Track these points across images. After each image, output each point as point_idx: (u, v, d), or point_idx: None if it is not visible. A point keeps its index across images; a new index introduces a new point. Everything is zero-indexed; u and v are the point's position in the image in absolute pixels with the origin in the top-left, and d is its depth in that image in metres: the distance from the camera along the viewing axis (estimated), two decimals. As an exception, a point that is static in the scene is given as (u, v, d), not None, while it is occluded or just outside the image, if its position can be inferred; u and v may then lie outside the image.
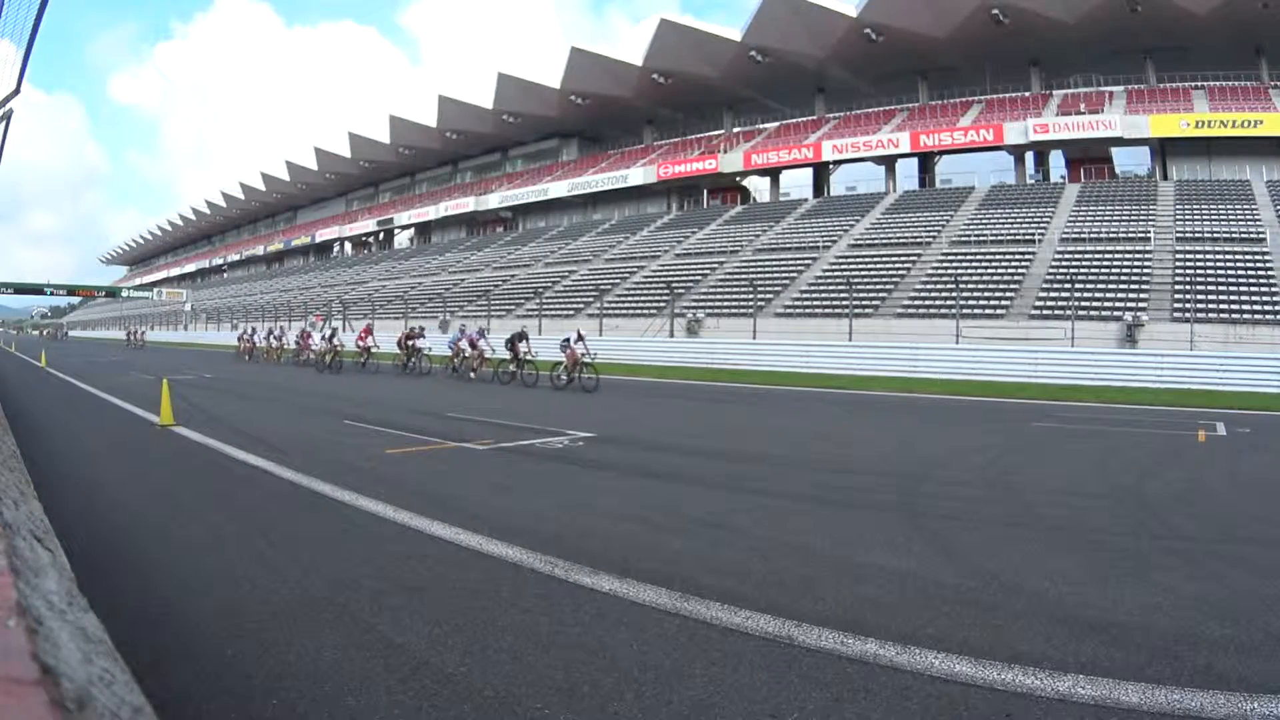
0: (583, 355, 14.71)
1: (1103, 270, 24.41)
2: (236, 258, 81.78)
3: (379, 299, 43.45)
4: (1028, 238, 27.92)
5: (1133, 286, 23.04)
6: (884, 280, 27.22)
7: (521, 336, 16.27)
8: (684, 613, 2.96)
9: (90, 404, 11.48)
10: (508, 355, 16.25)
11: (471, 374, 17.29)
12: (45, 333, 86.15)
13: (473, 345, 17.38)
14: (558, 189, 48.67)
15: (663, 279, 31.34)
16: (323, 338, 20.86)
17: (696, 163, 42.48)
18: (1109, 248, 26.04)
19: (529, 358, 15.92)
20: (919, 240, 30.15)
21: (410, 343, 19.16)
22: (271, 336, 26.42)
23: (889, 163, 38.11)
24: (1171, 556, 3.95)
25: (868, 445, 8.54)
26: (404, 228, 61.07)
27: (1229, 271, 22.91)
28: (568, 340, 15.21)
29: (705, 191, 44.55)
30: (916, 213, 33.12)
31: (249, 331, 28.61)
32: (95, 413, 10.37)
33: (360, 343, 20.71)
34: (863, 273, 28.02)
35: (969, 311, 22.71)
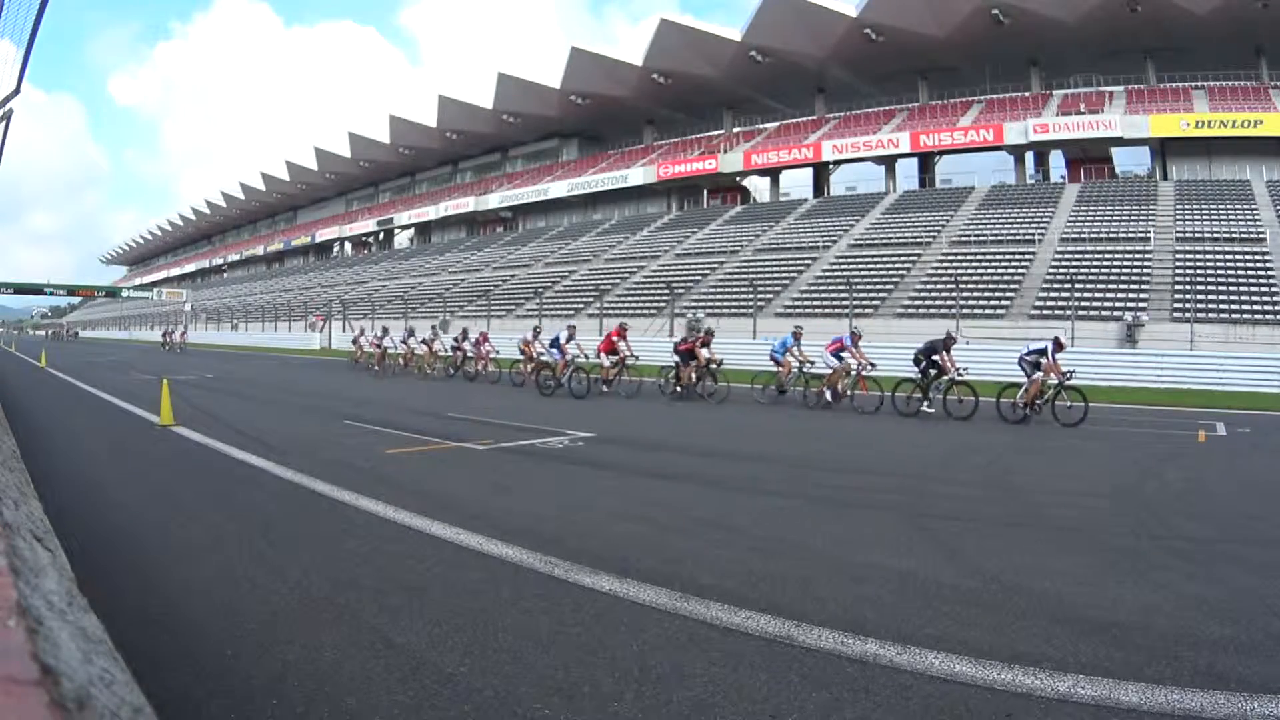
0: (1065, 375, 10.50)
1: (1103, 270, 24.41)
2: (236, 258, 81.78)
3: (379, 299, 43.45)
4: (1028, 238, 27.92)
5: (1133, 286, 23.04)
6: (884, 280, 27.23)
7: (947, 344, 11.27)
8: (684, 613, 2.96)
9: (90, 404, 11.48)
10: (918, 374, 11.44)
11: (828, 399, 11.95)
12: (51, 333, 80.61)
13: (836, 356, 12.04)
14: (558, 189, 48.69)
15: (663, 279, 31.35)
16: (546, 340, 14.44)
17: (696, 163, 42.49)
18: (1109, 248, 26.04)
19: (959, 376, 11.02)
20: (919, 240, 30.15)
21: (702, 350, 12.99)
22: (412, 338, 19.16)
23: (889, 163, 38.12)
24: (1172, 556, 3.95)
25: (867, 445, 8.54)
26: (404, 228, 61.09)
27: (1229, 271, 22.91)
28: (1041, 353, 10.58)
29: (705, 191, 44.56)
30: (916, 213, 33.13)
31: (375, 333, 20.54)
32: (95, 413, 10.37)
33: (605, 351, 14.02)
34: (863, 273, 28.02)
35: (969, 311, 22.71)
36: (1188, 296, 20.44)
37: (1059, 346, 10.69)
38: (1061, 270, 24.49)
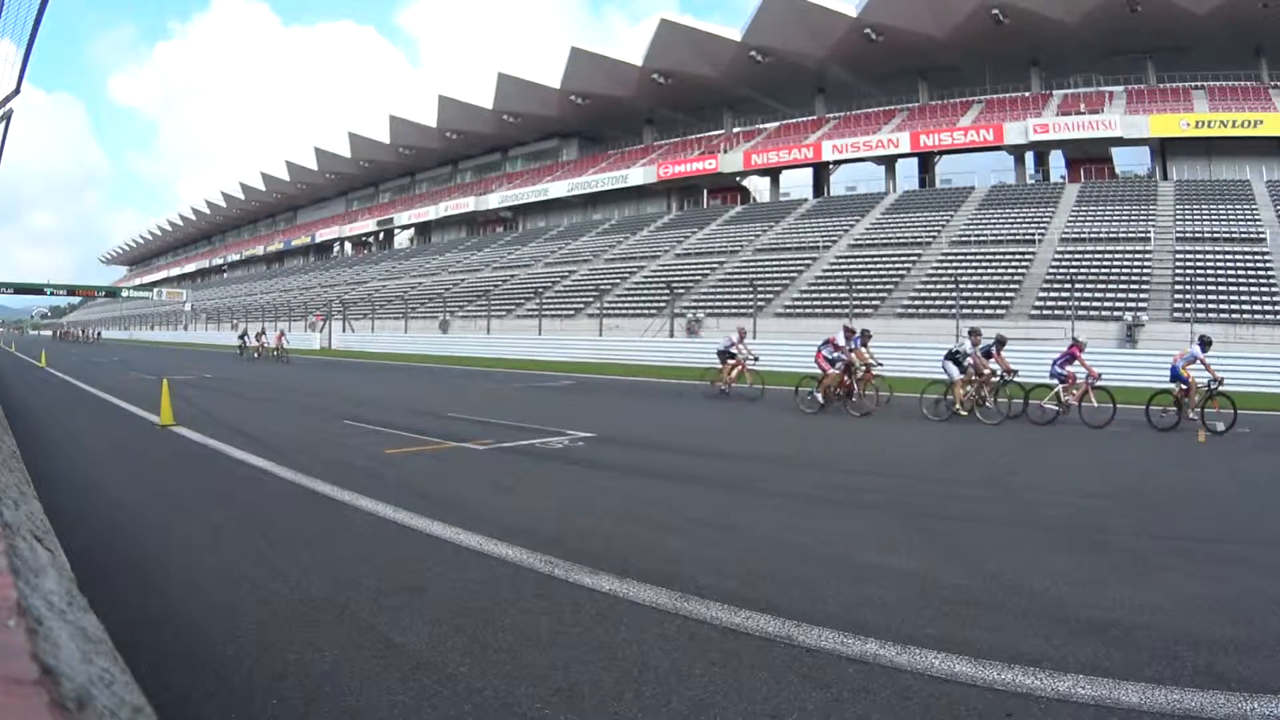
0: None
1: (1103, 270, 24.40)
2: (236, 258, 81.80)
3: (379, 299, 43.45)
4: (1028, 238, 27.91)
5: (1133, 286, 23.03)
6: (884, 280, 27.21)
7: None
8: (684, 613, 2.96)
9: (90, 404, 11.48)
10: None
11: None
12: (59, 333, 67.50)
13: None
14: (558, 189, 48.68)
15: (663, 279, 31.33)
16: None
17: (696, 163, 42.48)
18: (1109, 248, 26.03)
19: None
20: (919, 240, 30.14)
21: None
22: (864, 347, 11.38)
23: (889, 163, 38.10)
24: (1172, 556, 3.95)
25: (868, 445, 8.54)
26: (404, 228, 61.09)
27: (1229, 271, 22.89)
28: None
29: (705, 191, 44.55)
30: (916, 213, 33.11)
31: (838, 338, 11.57)
32: (95, 413, 10.37)
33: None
34: (863, 273, 28.01)
35: (969, 311, 22.69)
36: (1188, 296, 20.42)
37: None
38: (1061, 270, 24.48)
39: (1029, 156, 35.78)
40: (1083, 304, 21.75)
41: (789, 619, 2.89)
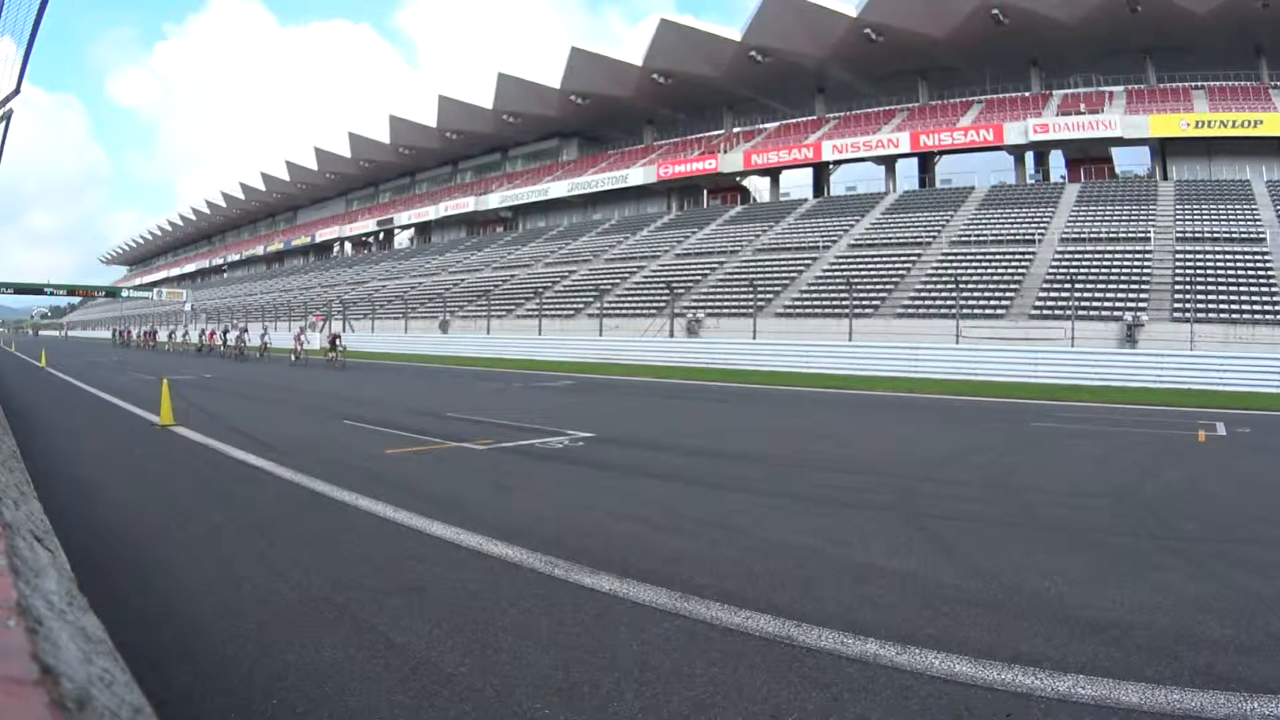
0: None
1: (1103, 270, 24.40)
2: (236, 258, 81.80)
3: (379, 299, 43.44)
4: (1028, 238, 27.92)
5: (1133, 286, 23.03)
6: (884, 280, 27.22)
7: None
8: (684, 613, 2.96)
9: (90, 404, 11.48)
10: None
11: None
12: (128, 335, 46.79)
13: None
14: (558, 189, 48.68)
15: (663, 279, 31.34)
16: None
17: (696, 163, 42.47)
18: (1109, 248, 26.03)
19: None
20: (919, 240, 30.14)
21: None
22: None
23: (889, 163, 38.10)
24: (1171, 556, 3.95)
25: (867, 445, 8.54)
26: (404, 228, 61.10)
27: (1229, 271, 22.90)
28: None
29: (705, 191, 44.55)
30: (916, 213, 33.11)
31: None
32: (95, 412, 10.37)
33: None
34: (863, 273, 28.01)
35: (969, 311, 22.70)
36: (1188, 296, 20.42)
37: None
38: (1061, 270, 24.48)
39: (1029, 156, 35.79)
40: (1083, 304, 21.75)
41: (789, 619, 2.89)
